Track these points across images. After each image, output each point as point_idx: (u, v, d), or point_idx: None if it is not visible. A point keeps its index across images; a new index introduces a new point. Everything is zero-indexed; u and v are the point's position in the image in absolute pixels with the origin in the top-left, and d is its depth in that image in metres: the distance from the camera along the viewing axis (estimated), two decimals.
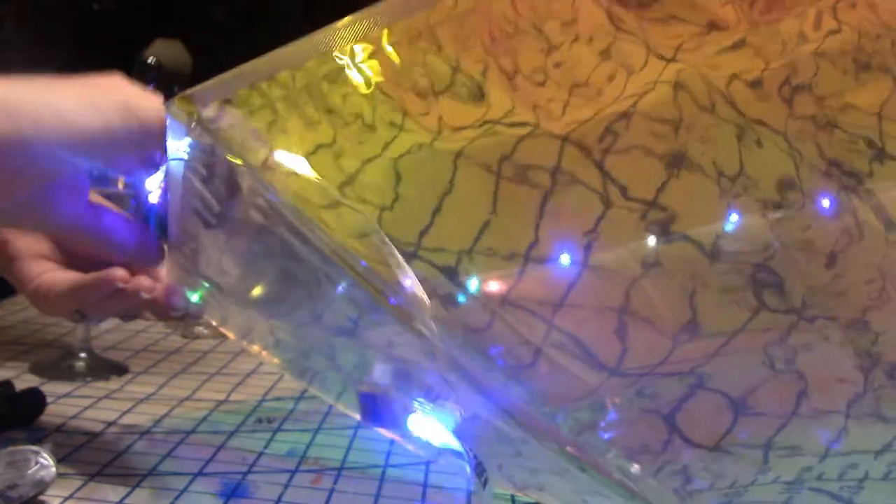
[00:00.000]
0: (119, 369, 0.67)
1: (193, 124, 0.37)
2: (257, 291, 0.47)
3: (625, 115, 0.35)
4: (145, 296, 0.49)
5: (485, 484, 0.37)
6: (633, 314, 0.35)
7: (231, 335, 0.53)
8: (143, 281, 0.49)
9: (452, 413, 0.37)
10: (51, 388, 0.59)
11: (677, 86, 0.35)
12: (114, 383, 0.64)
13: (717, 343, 0.35)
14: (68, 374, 0.64)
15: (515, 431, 0.36)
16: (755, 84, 0.35)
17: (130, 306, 0.50)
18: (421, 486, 0.49)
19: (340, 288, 0.38)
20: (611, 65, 0.36)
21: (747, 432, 0.36)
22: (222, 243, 0.43)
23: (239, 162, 0.36)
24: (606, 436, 0.36)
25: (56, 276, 0.51)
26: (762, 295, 0.34)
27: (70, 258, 0.52)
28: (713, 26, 0.35)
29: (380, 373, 0.41)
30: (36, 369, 0.65)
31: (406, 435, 0.41)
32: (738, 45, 0.35)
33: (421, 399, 0.37)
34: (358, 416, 0.52)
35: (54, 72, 0.40)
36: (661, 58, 0.36)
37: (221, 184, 0.39)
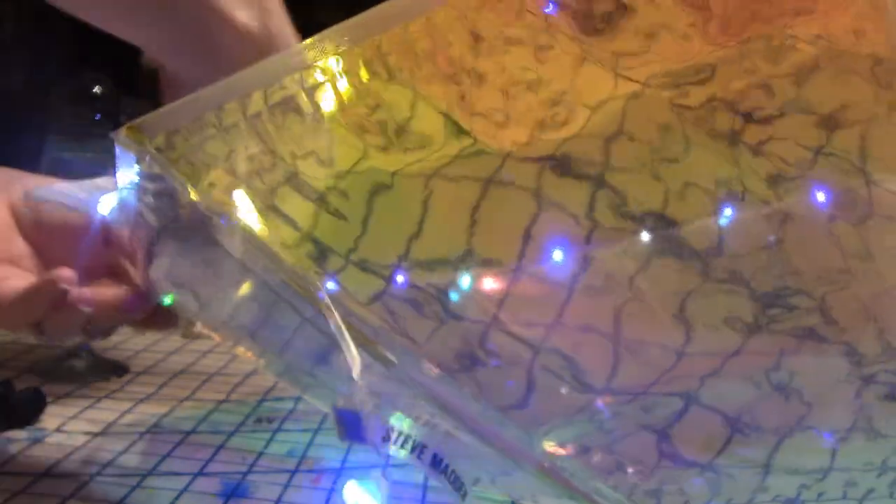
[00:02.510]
0: (119, 369, 0.67)
1: (143, 155, 0.36)
2: (230, 315, 0.46)
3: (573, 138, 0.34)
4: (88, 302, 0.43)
5: (464, 497, 0.37)
6: (625, 333, 0.34)
7: (222, 340, 0.53)
8: (100, 292, 0.43)
9: (427, 429, 0.37)
10: (51, 388, 0.59)
11: (628, 109, 0.34)
12: (114, 383, 0.64)
13: (711, 359, 0.34)
14: (68, 374, 0.64)
15: (486, 449, 0.36)
16: (711, 110, 0.34)
17: (85, 315, 0.44)
18: (421, 487, 0.49)
19: (308, 315, 0.37)
20: (561, 84, 0.35)
21: (743, 449, 0.36)
22: (180, 265, 0.42)
23: (190, 192, 0.35)
24: (583, 458, 0.36)
25: (17, 284, 0.44)
26: (757, 309, 0.34)
27: (48, 267, 0.45)
28: (668, 49, 0.34)
29: (356, 388, 0.41)
30: (36, 369, 0.65)
31: (383, 449, 0.41)
32: (698, 70, 0.35)
33: (397, 414, 0.37)
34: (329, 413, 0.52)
35: (54, 72, 0.40)
36: (609, 82, 0.34)
37: (171, 211, 0.38)
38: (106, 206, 0.42)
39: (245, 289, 0.41)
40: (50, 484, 0.45)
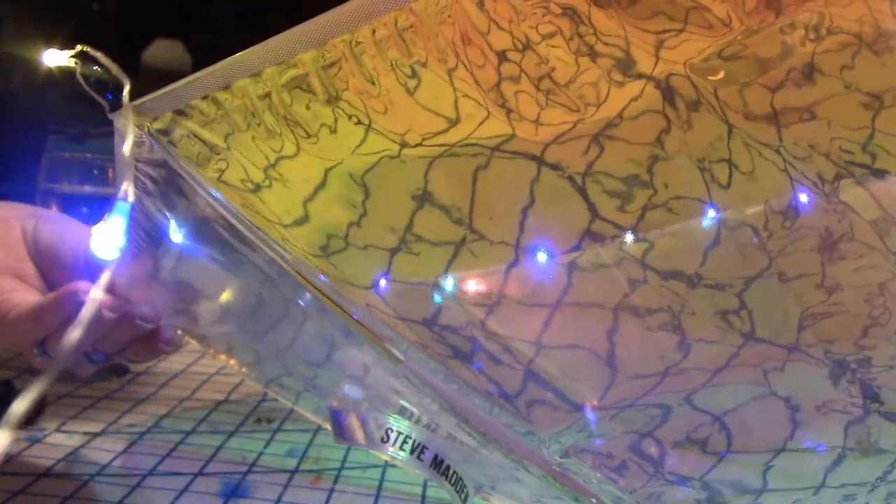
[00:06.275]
0: (119, 369, 0.67)
1: (144, 137, 0.35)
2: (223, 304, 0.45)
3: (608, 126, 0.33)
4: (108, 314, 0.41)
5: (465, 500, 0.37)
6: (618, 342, 0.34)
7: (192, 341, 0.52)
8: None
9: (428, 431, 0.36)
10: (51, 388, 0.59)
11: (664, 92, 0.33)
12: (114, 383, 0.64)
13: (706, 372, 0.34)
14: (68, 375, 0.64)
15: (494, 455, 0.35)
16: (747, 91, 0.34)
17: (103, 335, 0.43)
18: (420, 486, 0.49)
19: (303, 304, 0.36)
20: (594, 71, 0.34)
21: (738, 463, 0.35)
22: (176, 258, 0.41)
23: (195, 176, 0.34)
24: (590, 461, 0.35)
25: (26, 297, 0.44)
26: (753, 320, 0.33)
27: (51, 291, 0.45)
28: (704, 27, 0.34)
29: (352, 388, 0.40)
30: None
31: (381, 450, 0.40)
32: (730, 48, 0.34)
33: (395, 416, 0.36)
34: (321, 423, 0.51)
35: (54, 72, 0.40)
36: (645, 64, 0.33)
37: (173, 199, 0.37)
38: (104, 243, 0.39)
39: (244, 283, 0.41)
40: (50, 484, 0.45)
